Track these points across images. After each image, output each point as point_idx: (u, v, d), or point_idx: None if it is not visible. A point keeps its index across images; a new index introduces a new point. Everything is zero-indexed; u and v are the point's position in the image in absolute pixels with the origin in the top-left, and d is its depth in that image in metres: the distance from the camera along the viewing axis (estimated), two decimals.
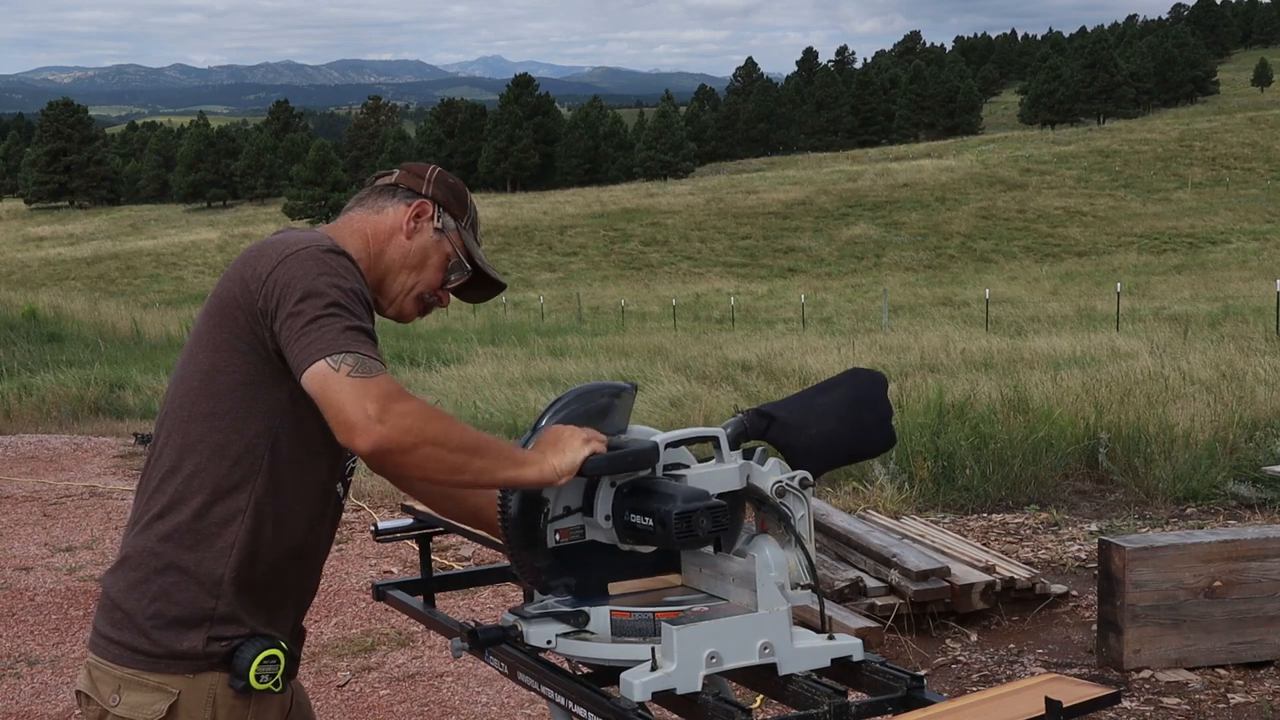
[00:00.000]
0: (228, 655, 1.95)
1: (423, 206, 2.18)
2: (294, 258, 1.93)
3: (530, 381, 16.21)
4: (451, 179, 2.26)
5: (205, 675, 1.94)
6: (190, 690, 1.93)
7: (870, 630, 4.92)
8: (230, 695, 1.96)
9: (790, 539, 2.03)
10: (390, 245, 2.16)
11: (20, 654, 5.56)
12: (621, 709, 1.86)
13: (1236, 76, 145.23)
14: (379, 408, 1.80)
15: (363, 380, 1.81)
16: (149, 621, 1.94)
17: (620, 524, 2.00)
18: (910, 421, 8.30)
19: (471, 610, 5.80)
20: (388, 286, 2.16)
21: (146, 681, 1.93)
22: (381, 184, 2.22)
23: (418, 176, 2.22)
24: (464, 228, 2.23)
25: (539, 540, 2.02)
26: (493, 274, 2.24)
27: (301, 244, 1.97)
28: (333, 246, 1.99)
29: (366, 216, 2.18)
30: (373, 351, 1.86)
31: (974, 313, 27.32)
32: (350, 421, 1.81)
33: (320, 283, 1.90)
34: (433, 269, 2.18)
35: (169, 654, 1.93)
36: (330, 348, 1.84)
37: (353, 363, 1.82)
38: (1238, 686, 4.60)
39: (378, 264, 2.15)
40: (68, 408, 14.90)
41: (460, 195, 2.24)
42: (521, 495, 1.99)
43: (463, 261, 2.21)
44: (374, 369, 1.84)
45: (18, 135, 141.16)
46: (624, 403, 2.12)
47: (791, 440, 2.10)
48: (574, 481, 1.97)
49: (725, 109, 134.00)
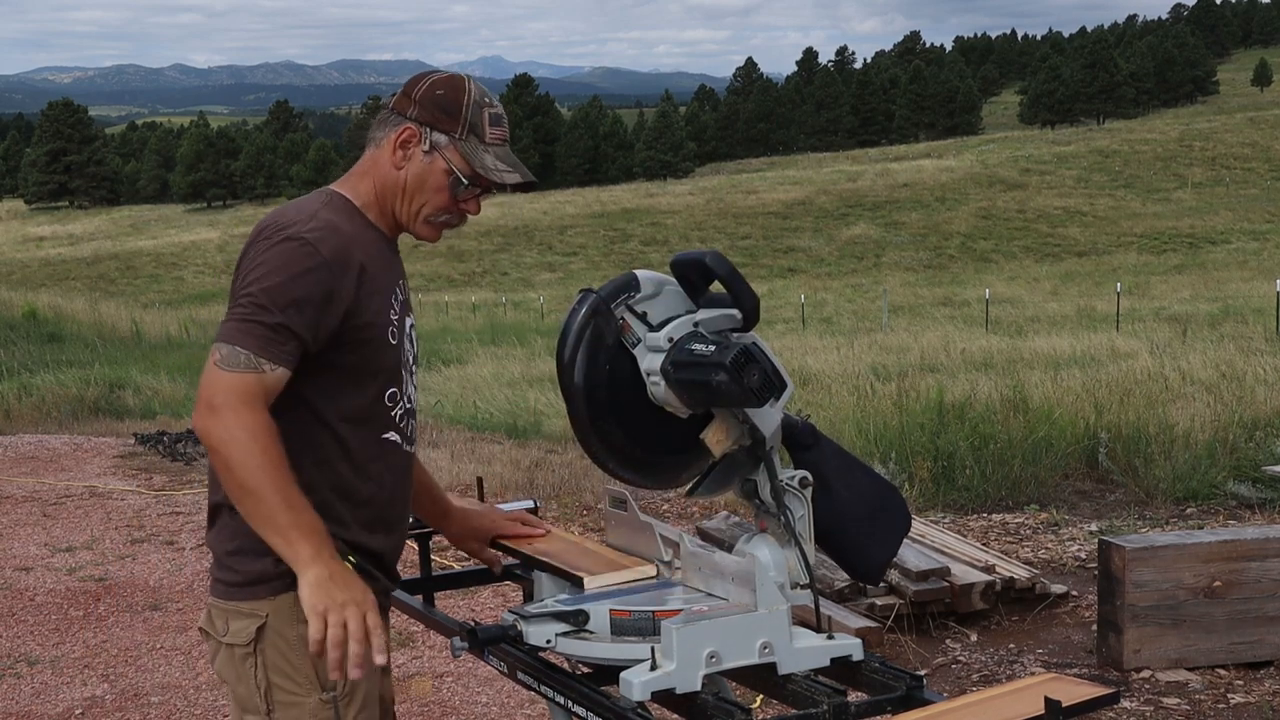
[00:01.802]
0: None
1: (407, 133, 2.14)
2: (260, 246, 2.04)
3: (530, 381, 16.21)
4: (442, 88, 2.16)
5: (286, 595, 2.04)
6: (275, 610, 2.07)
7: (870, 630, 4.91)
8: None
9: (789, 539, 2.04)
10: (387, 178, 2.16)
11: (20, 654, 5.55)
12: (621, 709, 1.86)
13: (1236, 76, 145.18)
14: (218, 402, 1.93)
15: (223, 373, 1.95)
16: (229, 558, 2.11)
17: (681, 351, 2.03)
18: (910, 421, 8.29)
19: (471, 610, 5.80)
20: (399, 215, 2.18)
21: (241, 609, 2.10)
22: (383, 113, 2.21)
23: (406, 96, 2.18)
24: (460, 139, 2.14)
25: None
26: (506, 179, 2.16)
27: (280, 226, 2.05)
28: (303, 232, 2.03)
29: (369, 153, 2.20)
30: (261, 347, 1.95)
31: (974, 313, 27.31)
32: (198, 402, 1.97)
33: (256, 277, 2.00)
34: (433, 191, 2.16)
35: (249, 580, 2.09)
36: (221, 335, 1.98)
37: (225, 353, 1.96)
38: (1238, 686, 4.59)
39: (383, 199, 2.17)
40: (68, 408, 14.91)
41: (451, 106, 2.14)
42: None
43: (461, 178, 2.15)
44: (242, 364, 1.95)
45: (18, 135, 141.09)
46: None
47: (816, 480, 2.09)
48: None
49: (725, 109, 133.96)
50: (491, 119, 2.17)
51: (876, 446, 8.02)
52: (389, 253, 2.20)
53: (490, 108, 2.17)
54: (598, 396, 2.08)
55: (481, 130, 2.16)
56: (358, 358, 2.09)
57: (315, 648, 1.89)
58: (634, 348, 2.08)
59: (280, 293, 1.98)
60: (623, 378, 2.09)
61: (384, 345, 2.12)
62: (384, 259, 2.17)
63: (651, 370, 2.07)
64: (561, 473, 9.09)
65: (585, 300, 2.09)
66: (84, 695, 5.03)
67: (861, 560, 2.17)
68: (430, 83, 2.17)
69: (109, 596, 6.40)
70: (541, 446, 10.89)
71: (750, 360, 1.92)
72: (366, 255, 2.10)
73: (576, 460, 9.29)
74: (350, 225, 2.11)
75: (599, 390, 2.08)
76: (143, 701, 4.94)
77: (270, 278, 1.99)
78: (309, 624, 1.90)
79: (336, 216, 2.10)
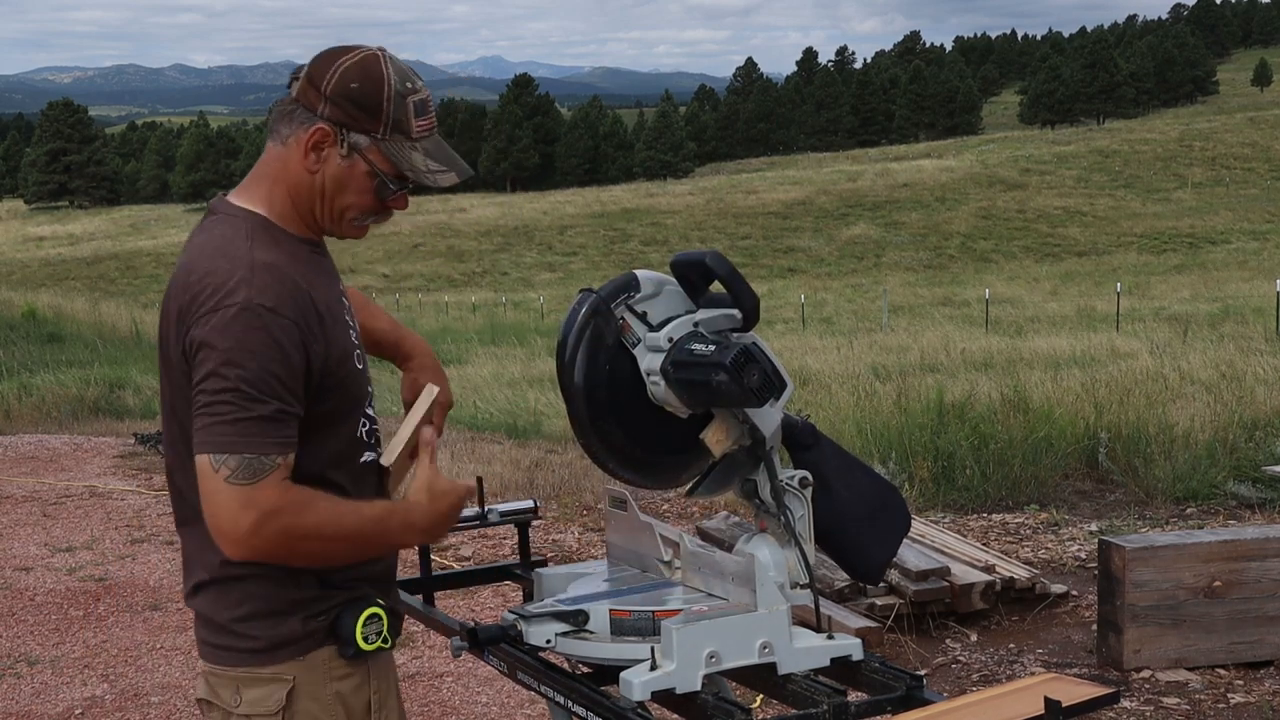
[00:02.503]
0: (329, 628, 1.93)
1: (319, 134, 1.88)
2: (209, 321, 1.79)
3: (530, 381, 16.21)
4: (355, 79, 1.87)
5: (315, 653, 1.91)
6: (305, 671, 1.91)
7: (870, 630, 4.91)
8: (344, 665, 1.94)
9: (789, 539, 2.04)
10: (299, 183, 1.91)
11: (20, 654, 5.55)
12: (621, 708, 1.86)
13: (1236, 76, 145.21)
14: (254, 521, 1.76)
15: (242, 488, 1.76)
16: (240, 624, 1.91)
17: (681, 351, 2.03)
18: (910, 421, 8.29)
19: (471, 610, 5.80)
20: (318, 218, 1.95)
21: (260, 675, 1.90)
22: (286, 104, 1.92)
23: (314, 88, 1.88)
24: (383, 138, 1.89)
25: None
26: (440, 181, 1.92)
27: (221, 291, 1.80)
28: (255, 298, 1.79)
29: (275, 151, 1.92)
30: (266, 445, 1.77)
31: (974, 313, 27.31)
32: (223, 529, 1.78)
33: (223, 362, 1.77)
34: (355, 194, 1.92)
35: (272, 645, 1.90)
36: (215, 444, 1.77)
37: (234, 465, 1.76)
38: (1238, 686, 4.59)
39: (299, 205, 1.93)
40: (68, 408, 14.90)
41: (369, 101, 1.87)
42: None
43: (387, 182, 1.91)
44: (259, 471, 1.77)
45: (18, 135, 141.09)
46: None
47: (816, 480, 2.09)
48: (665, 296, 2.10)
49: (725, 109, 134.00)
50: (417, 108, 1.91)
51: (876, 446, 8.02)
52: (321, 261, 1.98)
53: (414, 95, 1.90)
54: (598, 396, 2.08)
55: (407, 125, 1.90)
56: (334, 402, 1.90)
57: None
58: (634, 348, 2.08)
59: (262, 378, 1.77)
60: (623, 378, 2.09)
61: (353, 376, 1.95)
62: (322, 275, 1.96)
63: (651, 370, 2.07)
64: (561, 473, 9.09)
65: (585, 300, 2.09)
66: (84, 695, 5.03)
67: (861, 560, 2.17)
68: (340, 73, 1.87)
69: (109, 596, 6.40)
70: (541, 446, 10.89)
71: (750, 360, 1.92)
72: (312, 284, 1.89)
73: (576, 460, 9.29)
74: (283, 255, 1.88)
75: (599, 390, 2.08)
76: (143, 701, 4.94)
77: (244, 363, 1.77)
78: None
79: (269, 253, 1.86)
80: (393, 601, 2.06)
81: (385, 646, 1.96)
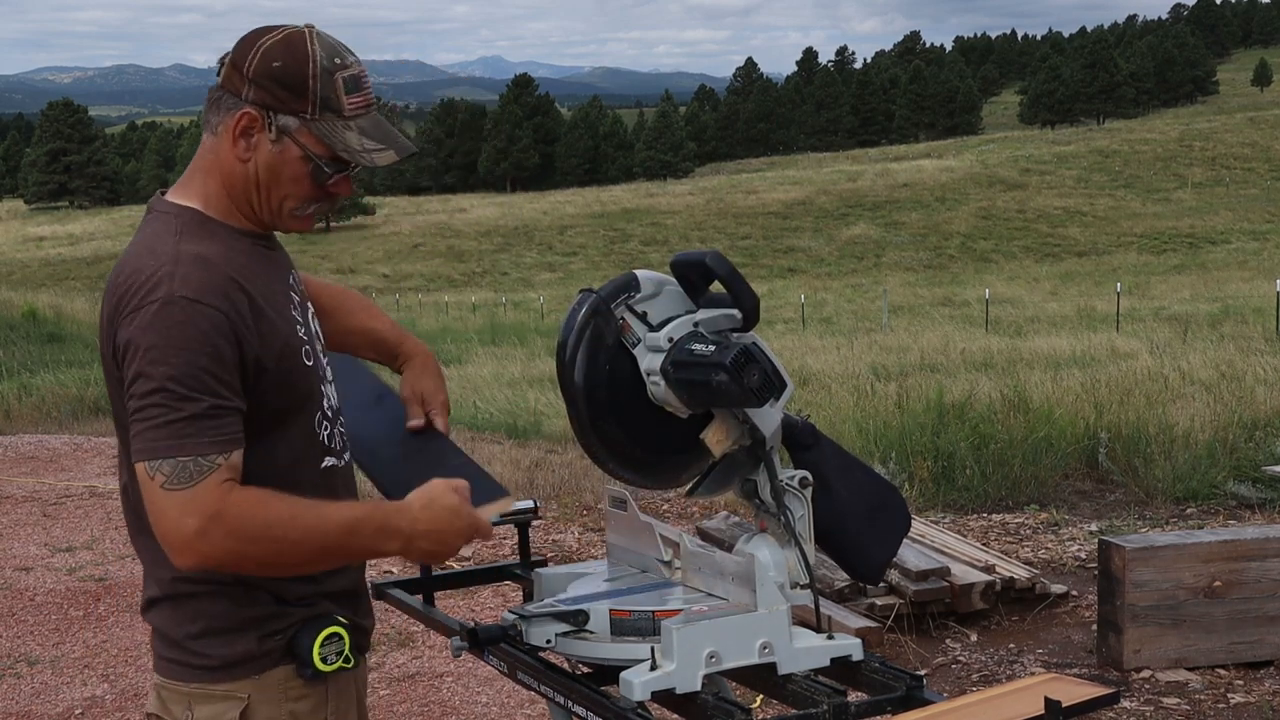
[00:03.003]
0: (286, 647, 1.85)
1: (246, 119, 1.77)
2: (133, 319, 1.71)
3: (530, 381, 16.21)
4: (279, 58, 1.76)
5: (271, 672, 1.84)
6: (259, 690, 1.84)
7: (870, 630, 4.91)
8: (301, 685, 1.86)
9: (789, 539, 2.04)
10: (233, 173, 1.81)
11: (20, 654, 5.55)
12: (621, 709, 1.86)
13: (1236, 76, 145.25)
14: (197, 526, 1.66)
15: (180, 493, 1.66)
16: (193, 641, 1.84)
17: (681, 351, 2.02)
18: (910, 421, 8.30)
19: (471, 610, 5.79)
20: (258, 211, 1.84)
21: (213, 692, 1.84)
22: (214, 91, 1.83)
23: (236, 70, 1.78)
24: (313, 118, 1.78)
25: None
26: (378, 160, 1.82)
27: (145, 286, 1.71)
28: (176, 290, 1.70)
29: (208, 143, 1.84)
30: (203, 444, 1.67)
31: (974, 313, 27.31)
32: (167, 538, 1.69)
33: (149, 361, 1.68)
34: (290, 182, 1.81)
35: (226, 663, 1.83)
36: (148, 450, 1.67)
37: (168, 471, 1.66)
38: (1238, 686, 4.59)
39: (237, 198, 1.83)
40: (68, 408, 14.90)
41: (294, 80, 1.76)
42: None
43: (322, 165, 1.80)
44: (196, 474, 1.66)
45: (18, 135, 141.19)
46: None
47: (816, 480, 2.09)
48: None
49: (725, 109, 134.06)
50: (348, 85, 1.79)
51: (876, 446, 8.02)
52: (266, 253, 1.88)
53: (343, 70, 1.79)
54: (598, 396, 2.08)
55: (337, 103, 1.78)
56: (278, 400, 1.80)
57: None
58: (634, 348, 2.08)
59: (188, 372, 1.67)
60: (623, 378, 2.09)
61: (301, 372, 1.84)
62: (265, 267, 1.85)
63: (651, 370, 2.07)
64: (561, 473, 9.09)
65: (585, 300, 2.09)
66: (84, 695, 5.03)
67: (861, 560, 2.17)
68: (262, 52, 1.77)
69: (109, 596, 6.40)
70: (541, 446, 10.89)
71: (750, 360, 1.92)
72: (247, 277, 1.78)
73: (576, 460, 9.29)
74: (215, 247, 1.78)
75: (599, 390, 2.08)
76: (142, 701, 4.94)
77: (168, 359, 1.67)
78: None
79: (199, 245, 1.77)
80: (360, 617, 1.97)
81: (347, 666, 1.89)
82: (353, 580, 1.97)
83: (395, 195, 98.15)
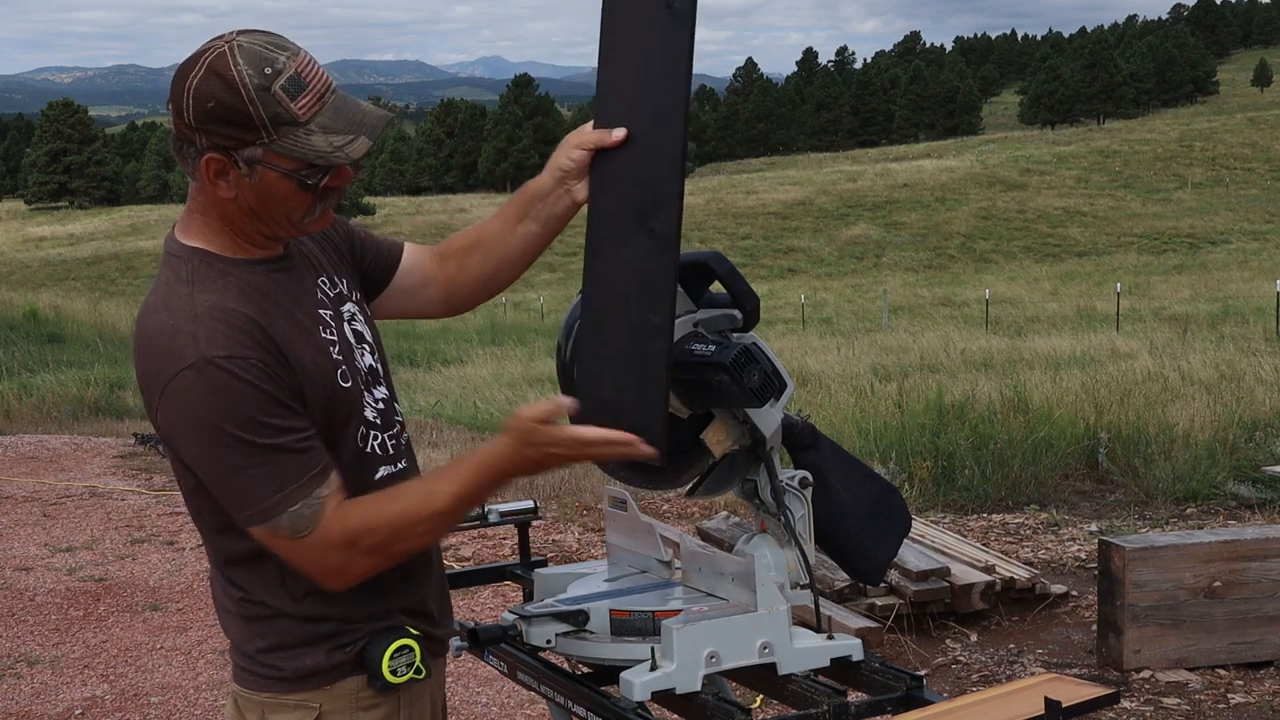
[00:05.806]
0: (357, 658, 1.87)
1: (212, 164, 1.73)
2: (174, 403, 1.70)
3: (530, 381, 16.22)
4: (210, 99, 1.67)
5: (343, 683, 1.87)
6: (331, 700, 1.86)
7: (870, 630, 4.91)
8: (373, 695, 1.88)
9: (789, 539, 2.04)
10: (227, 210, 1.79)
11: (20, 654, 5.55)
12: (621, 709, 1.86)
13: (1236, 76, 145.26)
14: (340, 558, 1.75)
15: (307, 540, 1.73)
16: (264, 655, 1.87)
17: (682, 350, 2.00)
18: (910, 422, 8.30)
19: (471, 610, 5.80)
20: (269, 233, 1.83)
21: (286, 702, 1.87)
22: (173, 140, 1.79)
23: (180, 119, 1.72)
24: (272, 141, 1.70)
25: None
26: (352, 153, 1.74)
27: (171, 354, 1.70)
28: (205, 351, 1.69)
29: (194, 186, 1.82)
30: (300, 485, 1.71)
31: (974, 313, 27.33)
32: (318, 578, 1.79)
33: (212, 439, 1.69)
34: (284, 200, 1.76)
35: (298, 675, 1.86)
36: (257, 515, 1.72)
37: (288, 524, 1.72)
38: (1238, 686, 4.59)
39: (241, 230, 1.81)
40: (68, 408, 14.91)
41: (236, 115, 1.68)
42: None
43: (304, 178, 1.75)
44: (312, 517, 1.72)
45: (18, 135, 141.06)
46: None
47: (816, 480, 2.09)
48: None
49: (725, 109, 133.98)
50: (289, 90, 1.69)
51: (876, 446, 8.02)
52: (284, 278, 1.85)
53: (278, 78, 1.68)
54: None
55: (288, 114, 1.69)
56: (321, 424, 1.80)
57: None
58: None
59: (251, 426, 1.69)
60: None
61: (338, 395, 1.83)
62: (285, 295, 1.83)
63: None
64: (561, 473, 9.09)
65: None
66: (84, 695, 5.03)
67: (861, 560, 2.17)
68: (193, 94, 1.69)
69: (109, 596, 6.40)
70: None
71: (750, 360, 1.92)
72: (266, 313, 1.77)
73: None
74: (230, 292, 1.76)
75: None
76: (142, 701, 4.94)
77: (226, 424, 1.68)
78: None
79: (213, 295, 1.75)
80: (434, 627, 1.99)
81: (418, 678, 1.89)
82: (421, 598, 1.98)
83: (395, 195, 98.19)
